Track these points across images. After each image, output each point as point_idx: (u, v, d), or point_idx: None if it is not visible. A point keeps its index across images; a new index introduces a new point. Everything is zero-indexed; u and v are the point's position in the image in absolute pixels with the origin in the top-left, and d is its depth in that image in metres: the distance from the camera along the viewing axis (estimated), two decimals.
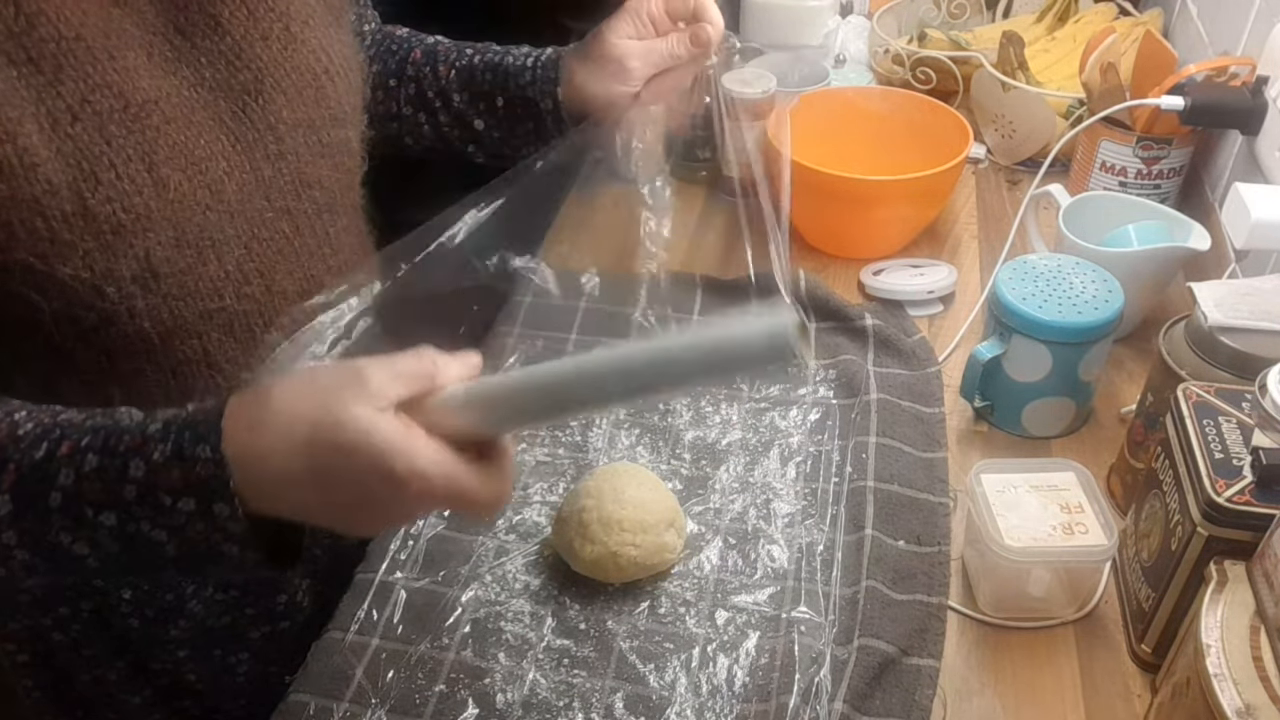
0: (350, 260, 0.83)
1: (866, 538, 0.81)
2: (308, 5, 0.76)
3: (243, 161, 0.71)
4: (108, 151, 0.63)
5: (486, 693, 0.73)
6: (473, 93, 0.94)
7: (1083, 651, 0.76)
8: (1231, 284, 0.81)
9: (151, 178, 0.65)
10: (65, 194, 0.61)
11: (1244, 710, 0.56)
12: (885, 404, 0.94)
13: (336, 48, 0.78)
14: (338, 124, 0.78)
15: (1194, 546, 0.68)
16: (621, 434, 0.93)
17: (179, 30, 0.69)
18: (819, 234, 1.19)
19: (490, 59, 0.95)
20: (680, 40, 0.87)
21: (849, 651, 0.74)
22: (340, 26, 0.81)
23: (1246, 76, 1.03)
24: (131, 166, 0.64)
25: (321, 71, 0.76)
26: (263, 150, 0.72)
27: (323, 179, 0.78)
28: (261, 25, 0.72)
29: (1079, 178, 1.18)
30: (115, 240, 0.64)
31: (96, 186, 0.63)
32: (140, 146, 0.65)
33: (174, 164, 0.66)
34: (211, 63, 0.70)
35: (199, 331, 0.71)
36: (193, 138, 0.68)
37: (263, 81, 0.72)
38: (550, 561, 0.82)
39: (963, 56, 1.37)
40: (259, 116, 0.72)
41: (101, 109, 0.63)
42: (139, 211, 0.65)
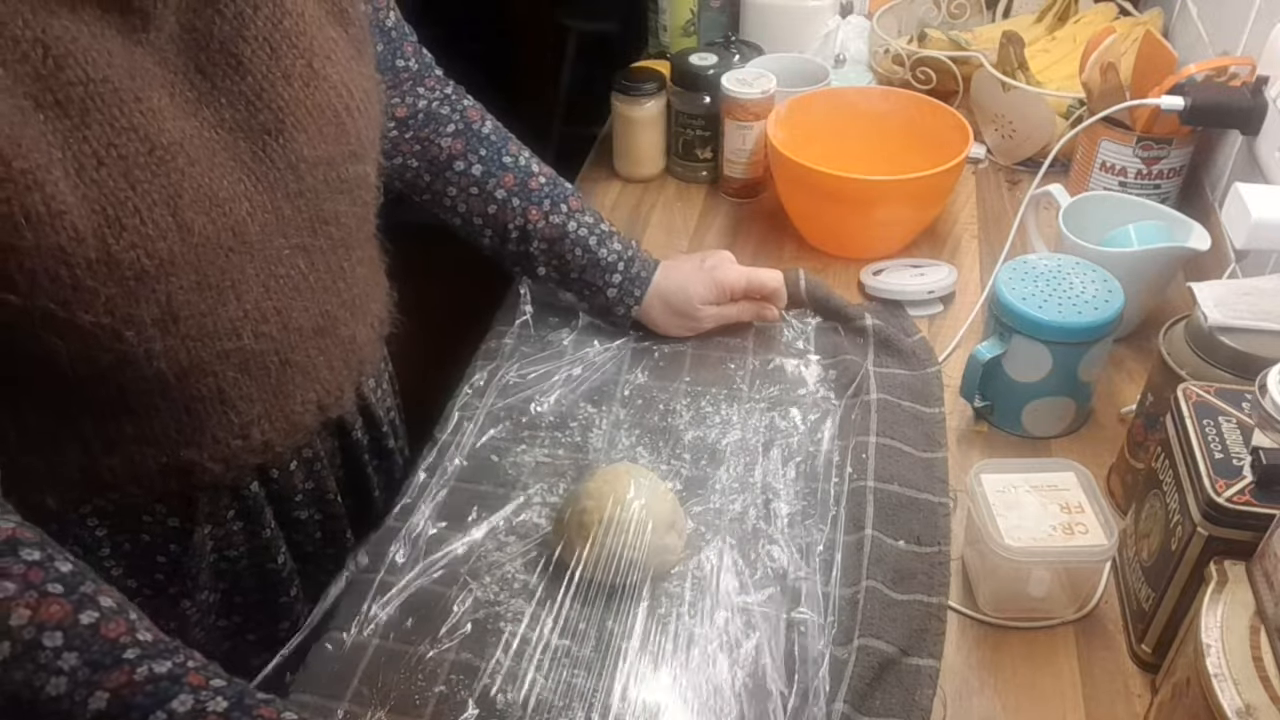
0: (364, 294, 0.83)
1: (866, 538, 0.81)
2: (330, 40, 0.75)
3: (264, 201, 0.71)
4: (133, 197, 0.62)
5: (486, 693, 0.73)
6: (554, 254, 1.00)
7: (1083, 651, 0.76)
8: (1231, 284, 0.81)
9: (176, 222, 0.64)
10: (90, 241, 0.61)
11: (1244, 710, 0.56)
12: (885, 404, 0.94)
13: (358, 82, 0.77)
14: (356, 160, 0.77)
15: (1194, 546, 0.68)
16: (621, 434, 0.93)
17: (200, 70, 0.68)
18: (819, 234, 1.19)
19: (585, 237, 1.00)
20: (749, 311, 1.04)
21: (849, 651, 0.74)
22: (363, 59, 0.80)
23: (1246, 76, 1.03)
24: (156, 211, 0.63)
25: (343, 108, 0.75)
26: (283, 189, 0.72)
27: (340, 215, 0.77)
28: (284, 63, 0.71)
29: (1079, 178, 1.18)
30: (138, 286, 0.64)
31: (121, 233, 0.62)
32: (165, 190, 0.64)
33: (198, 207, 0.66)
34: (232, 103, 0.69)
35: (215, 370, 0.71)
36: (216, 180, 0.67)
37: (284, 121, 0.71)
38: (550, 561, 0.82)
39: (963, 56, 1.37)
40: (279, 156, 0.71)
41: (127, 153, 0.62)
42: (162, 257, 0.64)
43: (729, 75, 1.22)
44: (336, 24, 0.76)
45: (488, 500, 0.87)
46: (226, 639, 0.85)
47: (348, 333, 0.81)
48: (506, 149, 1.00)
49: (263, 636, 0.86)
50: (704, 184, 1.32)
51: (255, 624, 0.86)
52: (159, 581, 0.79)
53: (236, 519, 0.81)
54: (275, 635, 0.86)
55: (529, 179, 1.00)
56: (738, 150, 1.25)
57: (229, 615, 0.85)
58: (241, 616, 0.85)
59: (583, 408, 0.96)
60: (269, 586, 0.85)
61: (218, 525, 0.80)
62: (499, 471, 0.90)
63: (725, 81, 1.21)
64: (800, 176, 1.13)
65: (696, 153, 1.30)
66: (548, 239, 0.99)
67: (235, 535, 0.81)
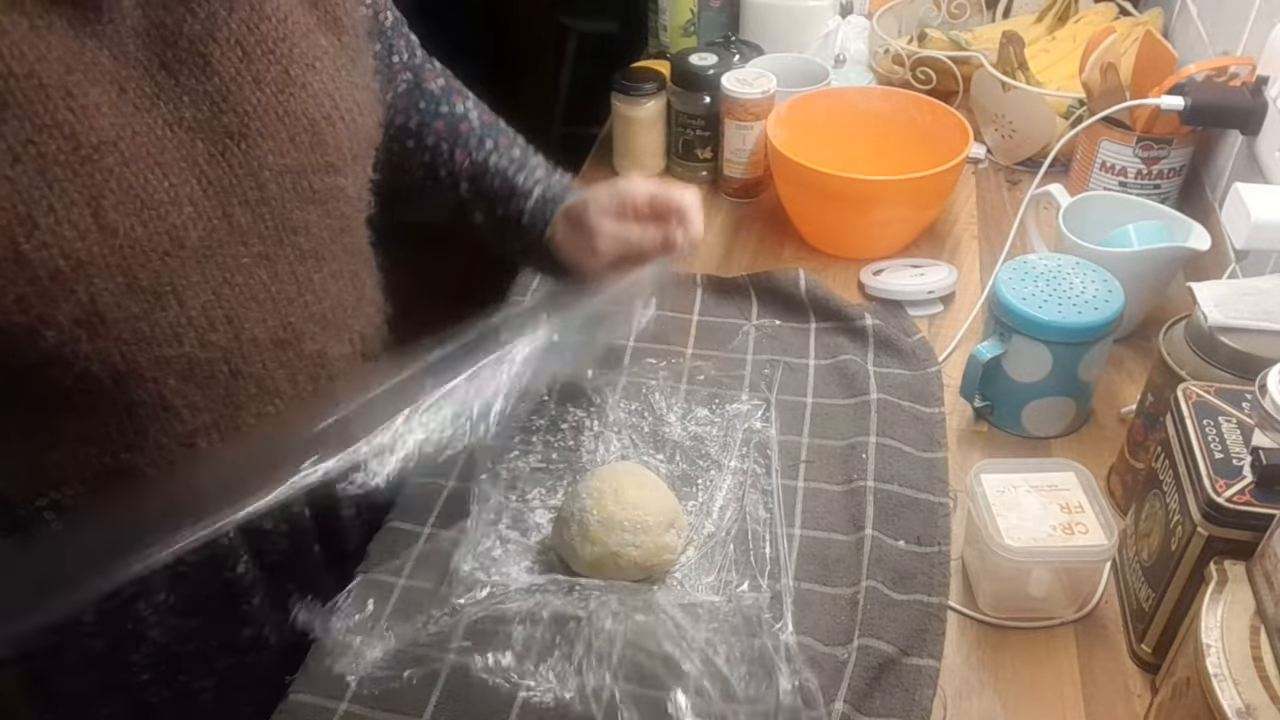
0: (337, 307, 0.80)
1: (866, 538, 0.81)
2: (316, 48, 0.74)
3: (213, 206, 0.69)
4: (48, 195, 0.61)
5: (486, 692, 0.73)
6: (478, 190, 0.93)
7: (1083, 651, 0.76)
8: (1231, 284, 0.81)
9: (97, 223, 0.63)
10: None
11: (1244, 710, 0.56)
12: (885, 404, 0.94)
13: (345, 91, 0.76)
14: (333, 171, 0.75)
15: (1194, 546, 0.68)
16: (614, 436, 0.93)
17: (164, 66, 0.66)
18: (819, 234, 1.19)
19: (504, 166, 0.93)
20: (651, 236, 0.85)
21: (849, 651, 0.74)
22: (356, 68, 0.78)
23: (1246, 76, 1.03)
24: (74, 211, 0.62)
25: (321, 118, 0.73)
26: (240, 196, 0.70)
27: (310, 225, 0.75)
28: (255, 67, 0.69)
29: (1079, 178, 1.18)
30: (53, 285, 0.62)
31: (33, 231, 0.60)
32: (86, 190, 0.62)
33: (125, 208, 0.64)
34: (194, 102, 0.67)
35: (153, 376, 0.70)
36: (154, 181, 0.65)
37: (248, 125, 0.69)
38: (550, 561, 0.82)
39: (963, 56, 1.37)
40: (239, 161, 0.69)
41: (46, 151, 0.60)
42: (80, 258, 0.62)
43: (729, 75, 1.22)
44: (328, 32, 0.75)
45: (488, 501, 0.87)
46: (189, 640, 0.84)
47: (315, 347, 0.79)
48: (448, 99, 0.94)
49: (225, 641, 0.85)
50: (704, 184, 1.32)
51: (217, 628, 0.85)
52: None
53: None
54: (238, 641, 0.85)
55: (459, 123, 0.94)
56: (738, 150, 1.25)
57: (189, 616, 0.83)
58: (202, 619, 0.83)
59: (574, 410, 0.95)
60: (230, 595, 0.83)
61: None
62: (499, 471, 0.90)
63: (725, 81, 1.21)
64: (800, 176, 1.13)
65: (696, 153, 1.30)
66: (471, 177, 0.93)
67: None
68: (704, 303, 1.09)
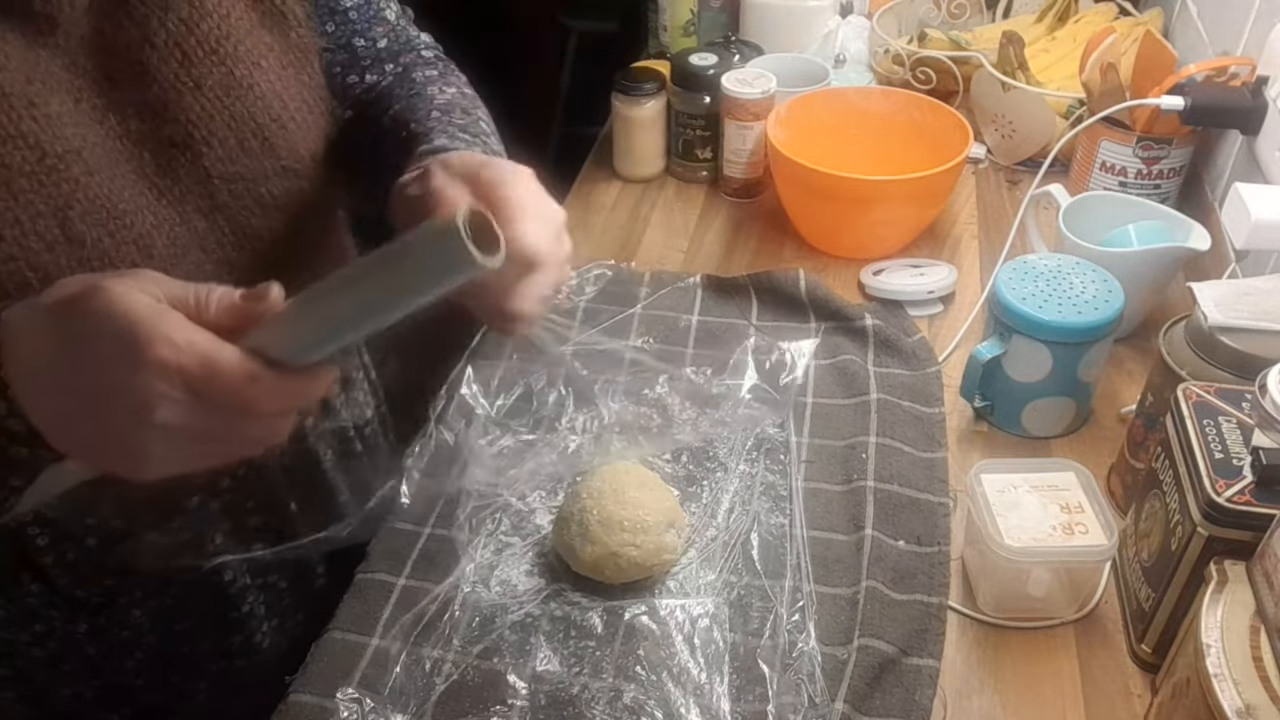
0: None
1: (866, 538, 0.81)
2: (261, 45, 0.70)
3: (172, 215, 0.66)
4: (14, 207, 0.59)
5: (486, 692, 0.73)
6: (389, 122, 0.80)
7: (1083, 651, 0.76)
8: (1231, 284, 0.81)
9: (64, 234, 0.61)
10: None
11: (1244, 710, 0.56)
12: (885, 404, 0.94)
13: (293, 91, 0.72)
14: (288, 175, 0.72)
15: (1194, 546, 0.68)
16: (615, 436, 0.93)
17: (108, 76, 0.63)
18: (819, 234, 1.19)
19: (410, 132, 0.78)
20: None
21: (849, 651, 0.74)
22: (303, 68, 0.74)
23: (1246, 76, 1.03)
24: (41, 222, 0.60)
25: (271, 120, 0.70)
26: (194, 204, 0.67)
27: (272, 231, 0.72)
28: (195, 72, 0.66)
29: (1079, 178, 1.18)
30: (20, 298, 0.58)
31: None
32: (53, 201, 0.60)
33: (92, 219, 0.62)
34: (138, 112, 0.65)
35: None
36: (115, 191, 0.63)
37: (191, 135, 0.66)
38: (550, 562, 0.82)
39: (963, 56, 1.37)
40: (187, 171, 0.67)
41: (12, 161, 0.58)
42: (48, 269, 0.60)
43: (729, 75, 1.22)
44: (273, 29, 0.71)
45: (488, 500, 0.87)
46: (182, 643, 0.83)
47: None
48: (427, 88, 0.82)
49: (216, 644, 0.85)
50: (704, 184, 1.32)
51: (209, 632, 0.84)
52: (109, 588, 0.78)
53: (181, 530, 0.78)
54: (228, 646, 0.85)
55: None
56: (738, 150, 1.25)
57: (181, 620, 0.83)
58: (194, 621, 0.83)
59: (574, 410, 0.95)
60: (219, 600, 0.83)
61: (163, 534, 0.77)
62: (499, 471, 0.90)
63: (725, 81, 1.21)
64: (800, 176, 1.13)
65: (696, 153, 1.30)
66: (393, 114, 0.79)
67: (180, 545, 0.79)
68: (704, 303, 1.09)
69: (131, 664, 0.82)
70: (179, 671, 0.84)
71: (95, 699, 0.83)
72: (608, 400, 0.96)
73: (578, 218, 1.26)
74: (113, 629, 0.79)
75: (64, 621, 0.78)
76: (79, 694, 0.82)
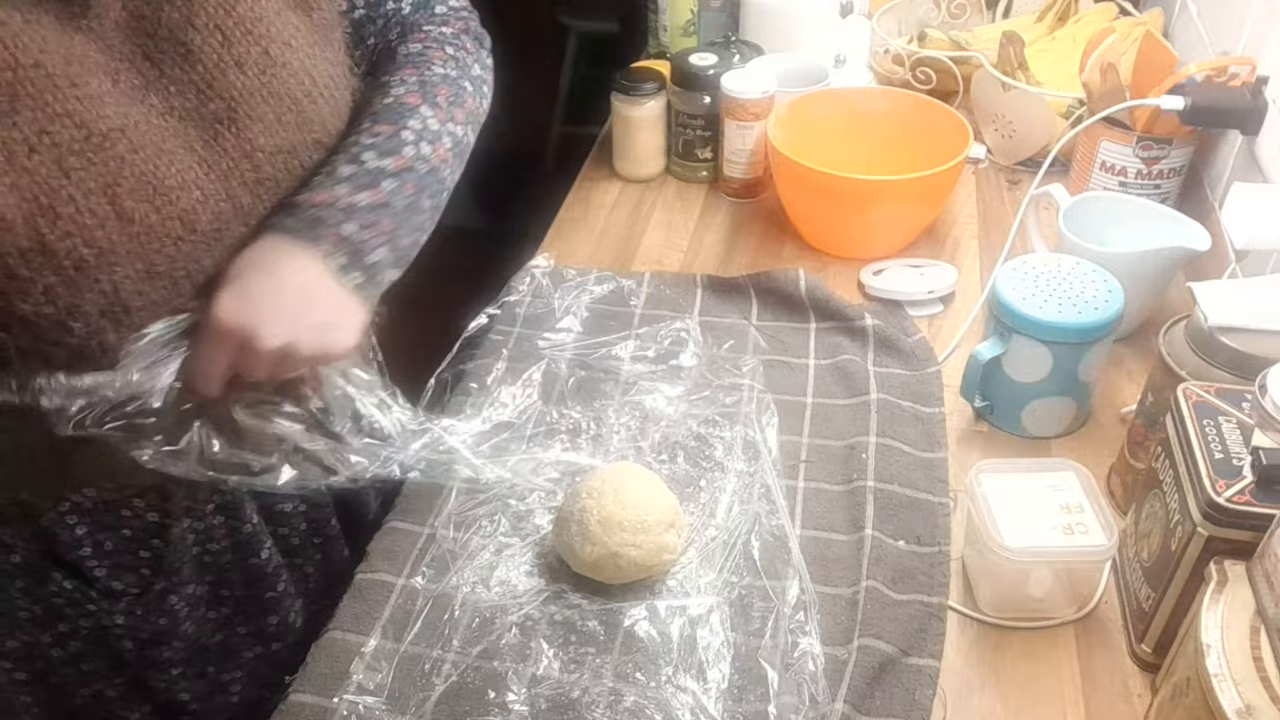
0: None
1: (866, 538, 0.81)
2: (290, 26, 0.73)
3: (218, 190, 0.69)
4: (67, 185, 0.61)
5: (486, 693, 0.73)
6: None
7: (1083, 651, 0.76)
8: (1231, 284, 0.81)
9: (114, 210, 0.63)
10: (21, 230, 0.59)
11: (1244, 710, 0.56)
12: (885, 404, 0.94)
13: (321, 68, 0.75)
14: (321, 147, 0.75)
15: (1194, 546, 0.68)
16: (614, 436, 0.93)
17: (147, 58, 0.66)
18: (819, 234, 1.19)
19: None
20: None
21: (849, 651, 0.74)
22: (328, 45, 0.77)
23: (1246, 76, 1.03)
24: (93, 199, 0.62)
25: (303, 95, 0.73)
26: (239, 178, 0.70)
27: None
28: (236, 51, 0.69)
29: (1079, 178, 1.18)
30: (78, 275, 0.62)
31: (55, 221, 0.60)
32: (102, 178, 0.62)
33: (139, 195, 0.64)
34: (181, 91, 0.67)
35: None
36: (161, 167, 0.65)
37: (236, 110, 0.69)
38: (550, 562, 0.82)
39: (963, 56, 1.37)
40: (233, 145, 0.69)
41: (61, 140, 0.60)
42: (102, 246, 0.62)
43: (729, 75, 1.22)
44: (298, 9, 0.75)
45: (488, 501, 0.87)
46: (218, 631, 0.85)
47: None
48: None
49: (253, 630, 0.86)
50: (704, 184, 1.32)
51: (245, 617, 0.86)
52: (145, 578, 0.79)
53: (216, 513, 0.80)
54: (265, 629, 0.86)
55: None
56: (738, 150, 1.25)
57: (218, 608, 0.84)
58: (230, 609, 0.85)
59: (574, 411, 0.95)
60: (255, 581, 0.85)
61: (197, 519, 0.79)
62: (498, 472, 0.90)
63: (725, 81, 1.21)
64: (800, 176, 1.13)
65: (696, 153, 1.30)
66: None
67: (216, 529, 0.81)
68: (704, 303, 1.09)
69: (168, 654, 0.82)
70: (215, 661, 0.85)
71: (118, 697, 0.83)
72: (607, 400, 0.96)
73: (578, 217, 1.26)
74: (150, 619, 0.80)
75: (98, 616, 0.79)
76: (99, 693, 0.83)
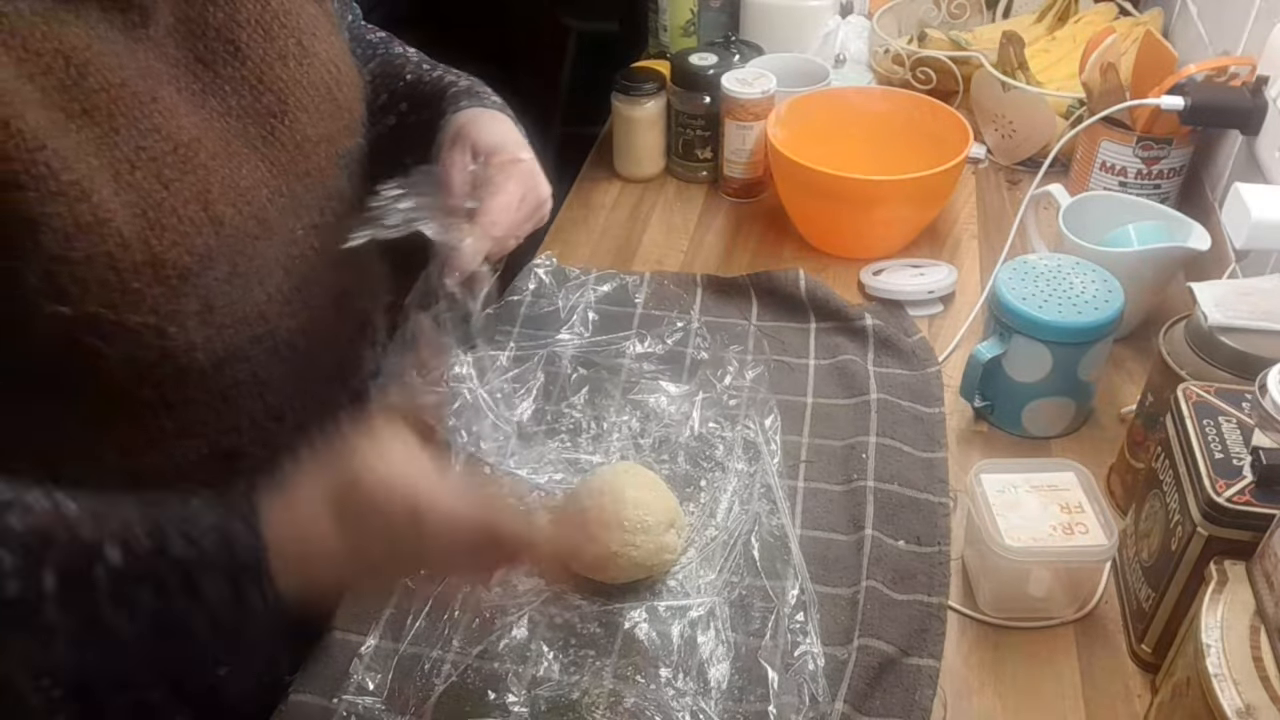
0: (367, 263, 0.83)
1: (866, 538, 0.81)
2: (313, 18, 0.76)
3: (280, 185, 0.71)
4: (167, 196, 0.63)
5: (486, 694, 0.73)
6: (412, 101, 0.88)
7: (1083, 651, 0.76)
8: (1231, 284, 0.81)
9: (208, 216, 0.65)
10: (135, 245, 0.61)
11: (1244, 710, 0.56)
12: (885, 404, 0.94)
13: (342, 56, 0.78)
14: (351, 133, 0.78)
15: (1194, 546, 0.68)
16: (614, 436, 0.93)
17: (200, 60, 0.68)
18: (819, 234, 1.19)
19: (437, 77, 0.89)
20: None
21: (849, 651, 0.74)
22: (339, 34, 0.80)
23: (1246, 76, 1.03)
24: (190, 208, 0.64)
25: (334, 83, 0.75)
26: (294, 170, 0.72)
27: (342, 190, 0.77)
28: (278, 44, 0.71)
29: (1079, 178, 1.18)
30: (180, 284, 0.64)
31: (162, 233, 0.62)
32: (195, 187, 0.64)
33: (226, 199, 0.66)
34: (236, 90, 0.69)
35: (248, 355, 0.71)
36: (235, 169, 0.68)
37: (286, 101, 0.71)
38: None
39: (963, 56, 1.37)
40: (287, 137, 0.72)
41: (156, 154, 0.63)
42: (200, 252, 0.65)
43: (729, 75, 1.22)
44: (312, 1, 0.76)
45: None
46: None
47: (360, 305, 0.83)
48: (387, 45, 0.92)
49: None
50: (704, 184, 1.32)
51: None
52: None
53: None
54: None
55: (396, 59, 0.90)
56: (738, 150, 1.25)
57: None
58: None
59: (574, 411, 0.95)
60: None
61: None
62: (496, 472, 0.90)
63: (725, 81, 1.21)
64: (800, 176, 1.13)
65: (696, 153, 1.30)
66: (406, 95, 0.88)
67: None
68: (704, 303, 1.09)
69: None
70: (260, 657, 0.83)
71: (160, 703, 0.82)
72: (608, 399, 0.96)
73: (578, 217, 1.26)
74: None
75: None
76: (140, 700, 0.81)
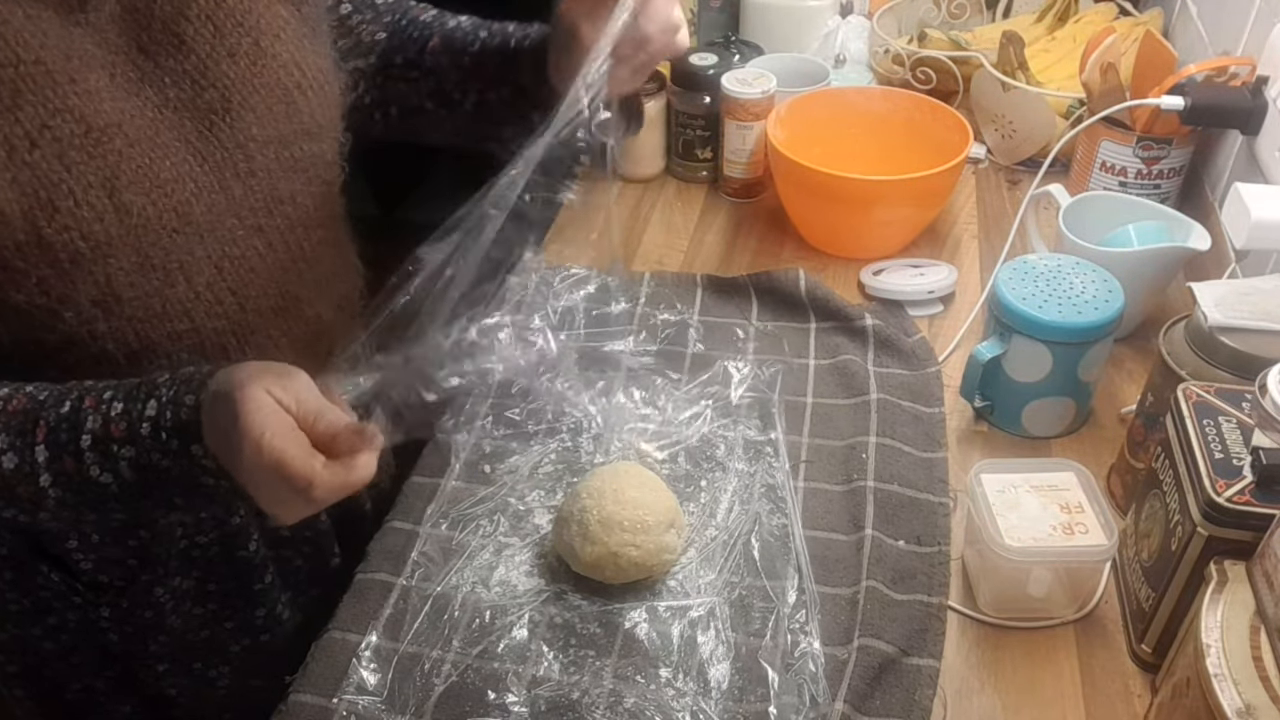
0: (329, 274, 0.82)
1: (866, 538, 0.81)
2: (279, 19, 0.75)
3: (211, 182, 0.70)
4: (67, 179, 0.62)
5: (486, 694, 0.73)
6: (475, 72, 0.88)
7: (1083, 651, 0.76)
8: (1231, 284, 0.81)
9: (113, 204, 0.64)
10: (19, 224, 0.60)
11: (1244, 710, 0.56)
12: (885, 404, 0.94)
13: (311, 60, 0.77)
14: (311, 138, 0.77)
15: (1194, 546, 0.68)
16: (614, 436, 0.93)
17: (142, 50, 0.67)
18: (819, 234, 1.19)
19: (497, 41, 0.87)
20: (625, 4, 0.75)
21: (849, 651, 0.74)
22: (316, 38, 0.79)
23: (1246, 76, 1.03)
24: (92, 194, 0.63)
25: (293, 86, 0.74)
26: (232, 169, 0.71)
27: (295, 194, 0.76)
28: (228, 42, 0.71)
29: (1079, 178, 1.18)
30: (73, 268, 0.63)
31: (54, 215, 0.61)
32: (102, 172, 0.63)
33: (137, 188, 0.65)
34: (176, 82, 0.68)
35: (167, 352, 0.71)
36: (157, 160, 0.66)
37: (230, 99, 0.70)
38: (550, 562, 0.82)
39: (963, 56, 1.37)
40: (227, 135, 0.70)
41: (62, 135, 0.62)
42: (99, 239, 0.64)
43: (729, 75, 1.22)
44: (287, 3, 0.76)
45: (487, 500, 0.87)
46: (204, 626, 0.84)
47: (312, 313, 0.81)
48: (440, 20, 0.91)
49: (240, 623, 0.86)
50: (704, 184, 1.32)
51: (231, 610, 0.85)
52: (131, 569, 0.79)
53: None
54: (252, 622, 0.86)
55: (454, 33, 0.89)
56: (738, 150, 1.25)
57: (204, 603, 0.84)
58: (217, 604, 0.85)
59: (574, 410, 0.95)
60: (242, 573, 0.84)
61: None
62: (496, 472, 0.90)
63: (725, 81, 1.21)
64: (800, 176, 1.13)
65: (696, 153, 1.30)
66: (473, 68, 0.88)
67: (204, 521, 0.81)
68: (704, 303, 1.09)
69: (155, 648, 0.82)
70: (201, 656, 0.85)
71: (107, 690, 0.83)
72: (607, 400, 0.96)
73: (578, 217, 1.26)
74: (136, 612, 0.80)
75: (84, 609, 0.79)
76: (90, 686, 0.83)
